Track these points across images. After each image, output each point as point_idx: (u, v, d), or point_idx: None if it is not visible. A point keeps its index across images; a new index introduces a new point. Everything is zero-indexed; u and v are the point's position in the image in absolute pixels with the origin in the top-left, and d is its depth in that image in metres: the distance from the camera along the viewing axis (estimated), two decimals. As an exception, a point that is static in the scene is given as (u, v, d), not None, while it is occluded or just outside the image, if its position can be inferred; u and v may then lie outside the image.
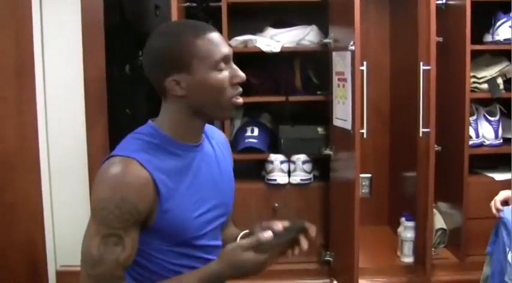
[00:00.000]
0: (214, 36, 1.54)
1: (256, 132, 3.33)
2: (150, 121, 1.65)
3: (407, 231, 3.28)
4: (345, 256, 3.02)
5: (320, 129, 3.33)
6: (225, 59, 1.55)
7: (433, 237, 3.21)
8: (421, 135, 3.08)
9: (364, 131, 2.90)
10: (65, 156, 3.33)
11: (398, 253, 3.36)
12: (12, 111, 3.27)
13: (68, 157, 3.32)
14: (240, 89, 1.59)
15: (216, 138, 1.78)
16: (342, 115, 3.04)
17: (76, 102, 3.25)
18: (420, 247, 3.20)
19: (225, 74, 1.55)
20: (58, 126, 3.30)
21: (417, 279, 3.19)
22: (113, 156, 1.55)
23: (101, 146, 3.22)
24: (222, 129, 3.15)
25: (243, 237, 1.77)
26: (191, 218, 1.62)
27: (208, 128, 1.75)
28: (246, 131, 3.36)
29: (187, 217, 1.61)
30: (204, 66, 1.53)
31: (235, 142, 3.32)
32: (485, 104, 3.42)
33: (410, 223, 3.27)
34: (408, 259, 3.30)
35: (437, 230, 3.34)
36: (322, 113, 3.35)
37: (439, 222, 3.37)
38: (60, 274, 3.37)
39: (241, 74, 1.57)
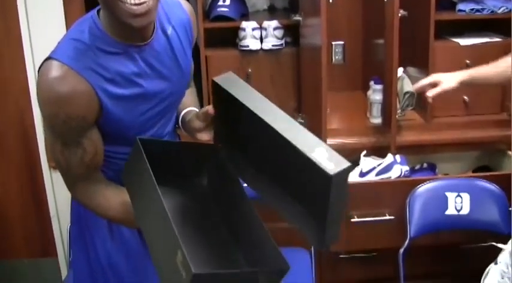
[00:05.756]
0: None
1: (228, 1, 3.32)
2: (95, 12, 1.60)
3: (375, 93, 3.37)
4: (315, 119, 3.11)
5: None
6: None
7: (397, 100, 3.28)
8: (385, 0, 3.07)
9: (330, -4, 2.88)
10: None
11: (368, 115, 3.46)
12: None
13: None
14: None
15: (175, 19, 1.75)
16: (310, -20, 3.01)
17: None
18: (387, 109, 3.28)
19: None
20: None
21: (384, 139, 3.30)
22: (51, 58, 1.52)
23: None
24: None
25: (186, 114, 1.87)
26: (135, 118, 1.67)
27: (170, 6, 1.73)
28: (218, 0, 3.34)
29: (131, 118, 1.66)
30: None
31: (209, 12, 3.35)
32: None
33: (379, 86, 3.34)
34: (376, 120, 3.40)
35: (405, 93, 3.39)
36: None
37: (407, 86, 3.41)
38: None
39: None
